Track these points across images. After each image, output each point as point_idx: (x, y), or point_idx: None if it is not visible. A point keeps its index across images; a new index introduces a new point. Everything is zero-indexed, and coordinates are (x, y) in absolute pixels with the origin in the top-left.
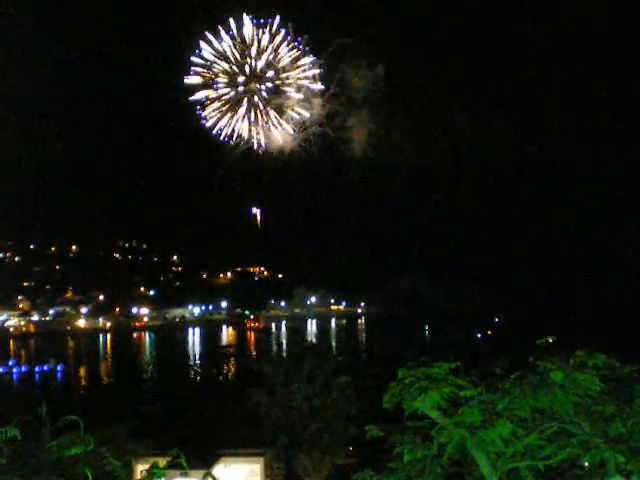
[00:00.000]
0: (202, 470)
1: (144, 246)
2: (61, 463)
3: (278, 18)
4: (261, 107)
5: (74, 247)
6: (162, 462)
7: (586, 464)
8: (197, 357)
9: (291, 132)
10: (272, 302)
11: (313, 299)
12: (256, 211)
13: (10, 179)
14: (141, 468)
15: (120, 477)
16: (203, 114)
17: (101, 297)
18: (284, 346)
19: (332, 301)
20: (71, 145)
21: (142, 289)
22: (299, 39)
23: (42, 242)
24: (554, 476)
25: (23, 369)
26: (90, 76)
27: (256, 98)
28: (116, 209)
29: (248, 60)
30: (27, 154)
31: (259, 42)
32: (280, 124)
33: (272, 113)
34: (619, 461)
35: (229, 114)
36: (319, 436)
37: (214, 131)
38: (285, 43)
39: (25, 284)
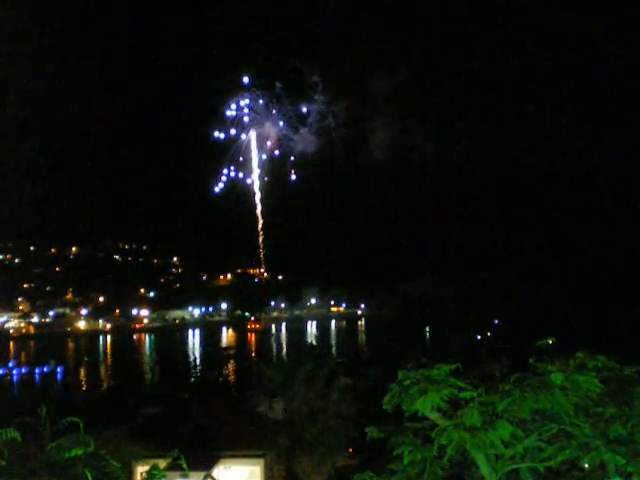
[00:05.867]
0: (202, 472)
1: (144, 247)
2: (61, 465)
3: None
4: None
5: (74, 249)
6: (162, 464)
7: (586, 466)
8: (197, 359)
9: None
10: (272, 304)
11: (313, 300)
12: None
13: (10, 180)
14: (141, 470)
15: (120, 479)
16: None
17: (101, 299)
18: (284, 348)
19: (332, 303)
20: (72, 146)
21: (142, 291)
22: None
23: (42, 244)
24: (554, 478)
25: (23, 371)
26: (97, 76)
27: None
28: (116, 210)
29: None
30: (28, 155)
31: None
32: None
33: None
34: (619, 463)
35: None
36: (319, 438)
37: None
38: None
39: (25, 286)
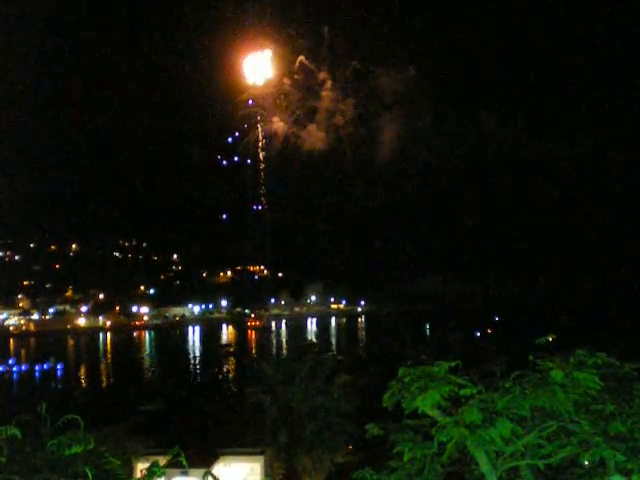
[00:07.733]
0: (202, 469)
1: (144, 245)
2: (61, 462)
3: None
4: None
5: (74, 246)
6: (162, 461)
7: (586, 463)
8: (197, 356)
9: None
10: (272, 301)
11: (313, 298)
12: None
13: (10, 178)
14: (141, 467)
15: (120, 476)
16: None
17: (101, 296)
18: (284, 345)
19: (332, 300)
20: (72, 144)
21: (142, 288)
22: None
23: (42, 241)
24: (554, 475)
25: (23, 368)
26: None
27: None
28: (116, 207)
29: None
30: (27, 153)
31: None
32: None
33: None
34: (619, 460)
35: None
36: (319, 435)
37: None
38: None
39: (25, 283)
